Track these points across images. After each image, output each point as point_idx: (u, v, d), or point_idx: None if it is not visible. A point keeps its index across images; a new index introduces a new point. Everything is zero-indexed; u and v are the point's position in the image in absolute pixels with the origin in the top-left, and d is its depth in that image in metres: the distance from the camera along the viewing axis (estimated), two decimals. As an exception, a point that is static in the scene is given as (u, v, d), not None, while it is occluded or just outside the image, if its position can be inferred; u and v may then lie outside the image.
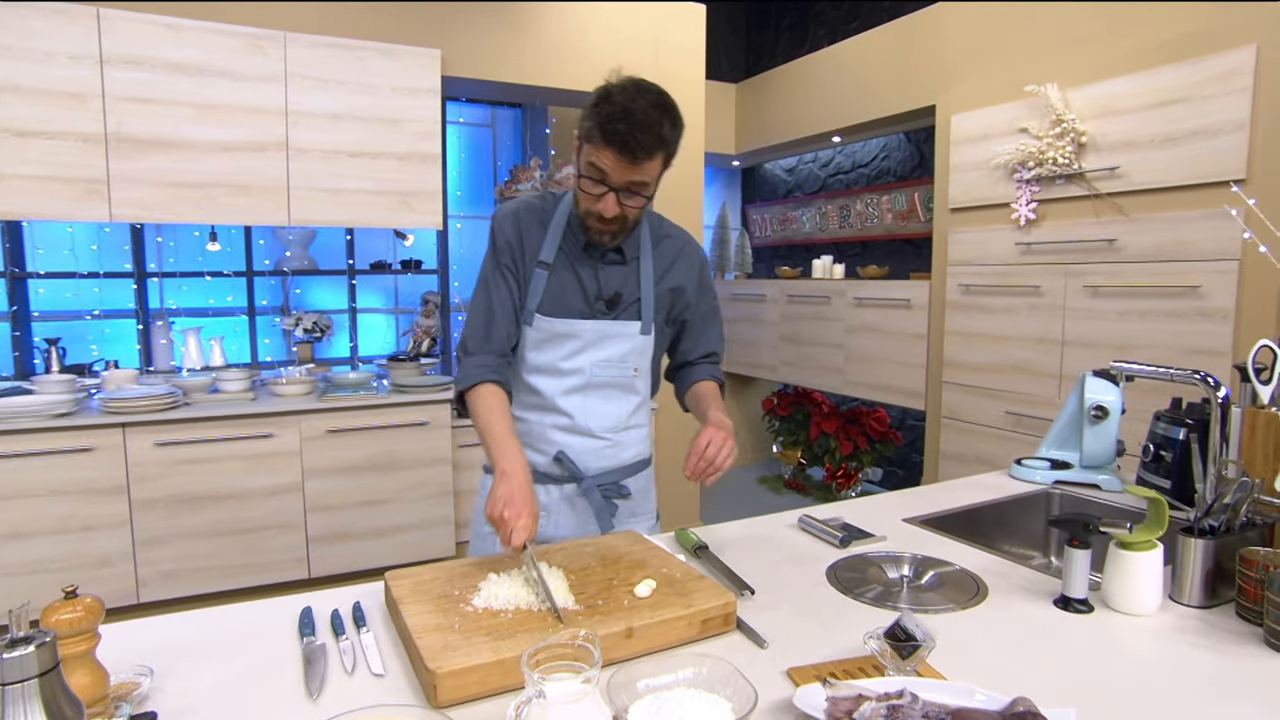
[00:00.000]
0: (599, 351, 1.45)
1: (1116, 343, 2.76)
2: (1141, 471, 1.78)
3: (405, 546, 3.28)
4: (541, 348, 1.46)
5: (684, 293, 1.52)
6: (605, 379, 1.47)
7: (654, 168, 1.29)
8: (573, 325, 1.44)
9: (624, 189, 1.29)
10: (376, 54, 3.17)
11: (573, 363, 1.45)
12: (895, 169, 4.67)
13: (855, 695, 0.89)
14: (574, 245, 1.44)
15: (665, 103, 1.27)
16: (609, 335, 1.45)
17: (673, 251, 1.51)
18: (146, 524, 2.84)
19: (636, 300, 1.47)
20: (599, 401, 1.48)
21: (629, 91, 1.25)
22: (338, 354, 4.12)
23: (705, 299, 1.58)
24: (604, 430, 1.49)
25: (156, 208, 2.90)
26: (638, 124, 1.22)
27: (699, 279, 1.55)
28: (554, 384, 1.47)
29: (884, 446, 4.65)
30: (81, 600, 0.84)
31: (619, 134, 1.22)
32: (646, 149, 1.24)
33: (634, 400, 1.53)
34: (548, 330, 1.44)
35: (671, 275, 1.50)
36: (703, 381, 1.57)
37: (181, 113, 2.89)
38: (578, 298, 1.44)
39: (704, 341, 1.60)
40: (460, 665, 0.91)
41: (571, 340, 1.44)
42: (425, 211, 3.33)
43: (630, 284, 1.46)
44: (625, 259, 1.45)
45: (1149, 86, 2.64)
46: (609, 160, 1.25)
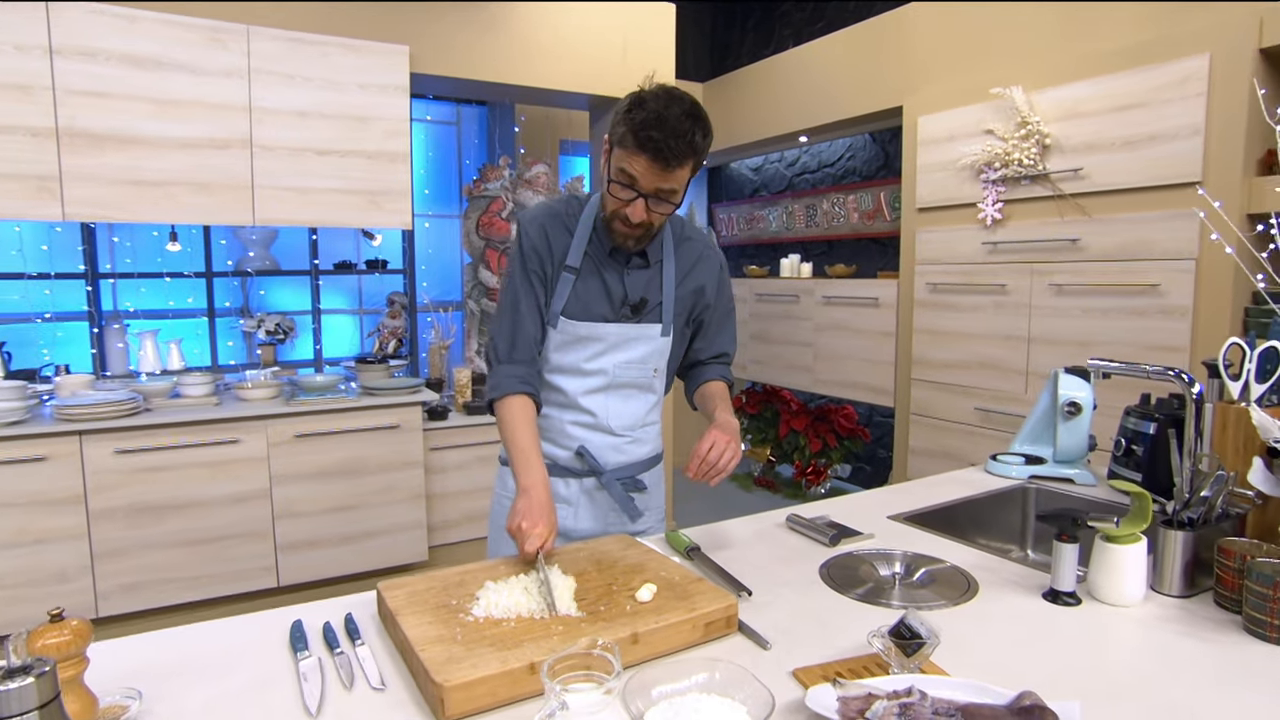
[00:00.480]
0: (622, 354, 1.48)
1: (1080, 339, 2.84)
2: (1113, 465, 1.83)
3: (377, 552, 3.22)
4: (565, 349, 1.48)
5: (704, 294, 1.55)
6: (626, 379, 1.51)
7: (684, 175, 1.30)
8: (596, 329, 1.46)
9: (653, 195, 1.30)
10: (343, 50, 3.10)
11: (596, 364, 1.48)
12: (861, 169, 4.73)
13: (865, 694, 0.90)
14: (599, 249, 1.46)
15: (697, 112, 1.28)
16: (631, 338, 1.48)
17: (694, 254, 1.53)
18: (105, 535, 2.73)
19: (659, 303, 1.49)
20: (620, 401, 1.52)
21: (662, 99, 1.26)
22: (301, 356, 4.03)
23: (722, 301, 1.61)
24: (623, 428, 1.53)
25: (113, 206, 2.79)
26: (671, 131, 1.23)
27: (718, 280, 1.58)
28: (577, 384, 1.49)
29: (852, 443, 4.72)
30: (69, 623, 0.81)
31: (653, 141, 1.23)
32: (679, 156, 1.25)
33: (651, 399, 1.56)
34: (572, 333, 1.46)
35: (692, 278, 1.52)
36: (712, 382, 1.60)
37: (138, 108, 2.78)
38: (603, 302, 1.46)
39: (717, 342, 1.63)
40: (467, 678, 0.89)
41: (595, 343, 1.47)
42: (394, 211, 3.27)
43: (654, 288, 1.49)
44: (649, 263, 1.48)
45: (1110, 91, 2.72)
46: (641, 166, 1.27)
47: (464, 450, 3.45)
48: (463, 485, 3.46)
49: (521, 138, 4.37)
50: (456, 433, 3.43)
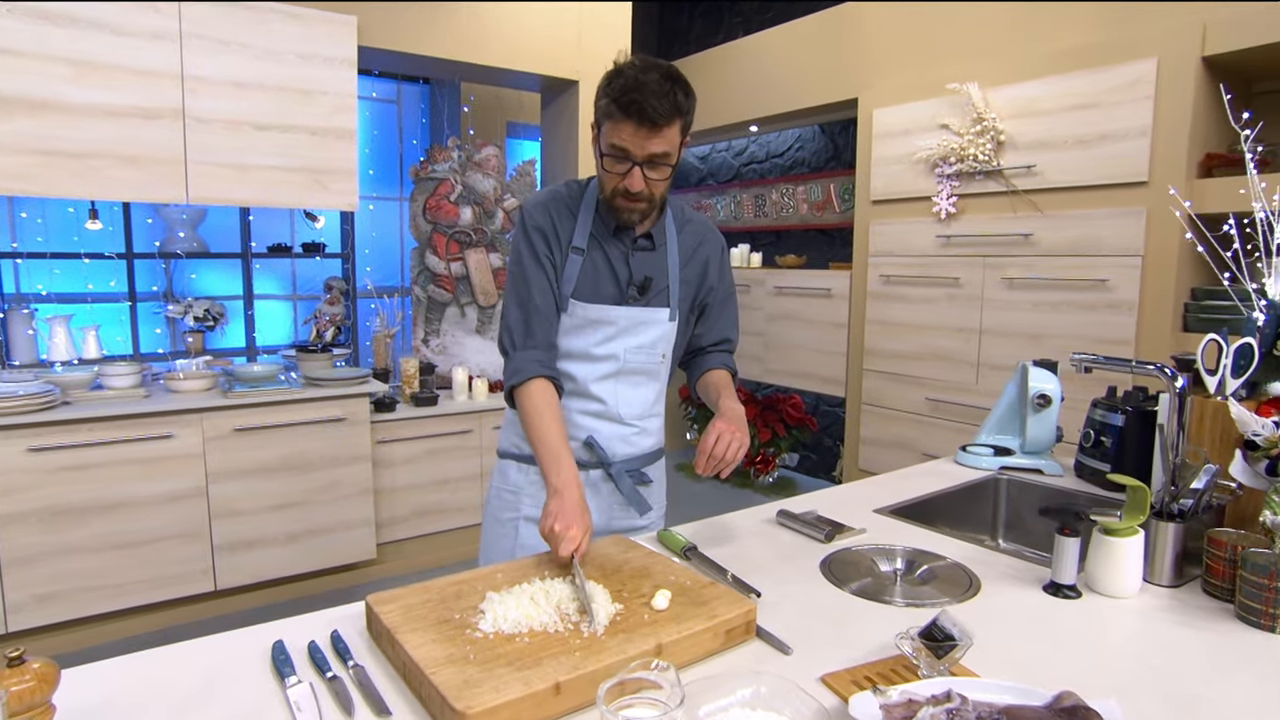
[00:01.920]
0: (632, 338, 1.46)
1: (1031, 332, 2.93)
2: (1080, 456, 1.88)
3: (322, 551, 3.06)
4: (575, 334, 1.45)
5: (707, 276, 1.54)
6: (636, 365, 1.48)
7: (673, 136, 1.29)
8: (606, 311, 1.44)
9: (646, 162, 1.29)
10: (284, 17, 2.89)
11: (606, 348, 1.46)
12: (810, 160, 4.77)
13: (906, 700, 0.87)
14: (604, 230, 1.44)
15: (675, 74, 1.29)
16: (641, 322, 1.46)
17: (696, 237, 1.53)
18: (16, 542, 2.49)
19: (665, 287, 1.48)
20: (629, 388, 1.50)
21: (638, 66, 1.27)
22: (232, 344, 3.79)
23: (724, 284, 1.60)
24: (632, 417, 1.50)
25: (24, 178, 2.52)
26: (651, 92, 1.24)
27: (720, 264, 1.57)
28: (587, 370, 1.47)
29: (800, 432, 4.77)
30: (29, 667, 0.70)
31: (635, 104, 1.24)
32: (664, 115, 1.25)
33: (658, 387, 1.55)
34: (582, 316, 1.44)
35: (696, 260, 1.52)
36: (715, 370, 1.58)
37: (54, 69, 2.52)
38: (610, 283, 1.44)
39: (719, 327, 1.61)
40: (490, 703, 0.82)
41: (606, 326, 1.45)
42: (340, 191, 3.09)
43: (659, 269, 1.47)
44: (654, 244, 1.46)
45: (1063, 90, 2.80)
46: (628, 133, 1.27)
47: (413, 443, 3.31)
48: (412, 480, 3.32)
49: (470, 119, 4.21)
50: (405, 425, 3.29)
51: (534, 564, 1.21)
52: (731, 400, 1.46)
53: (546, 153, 4.19)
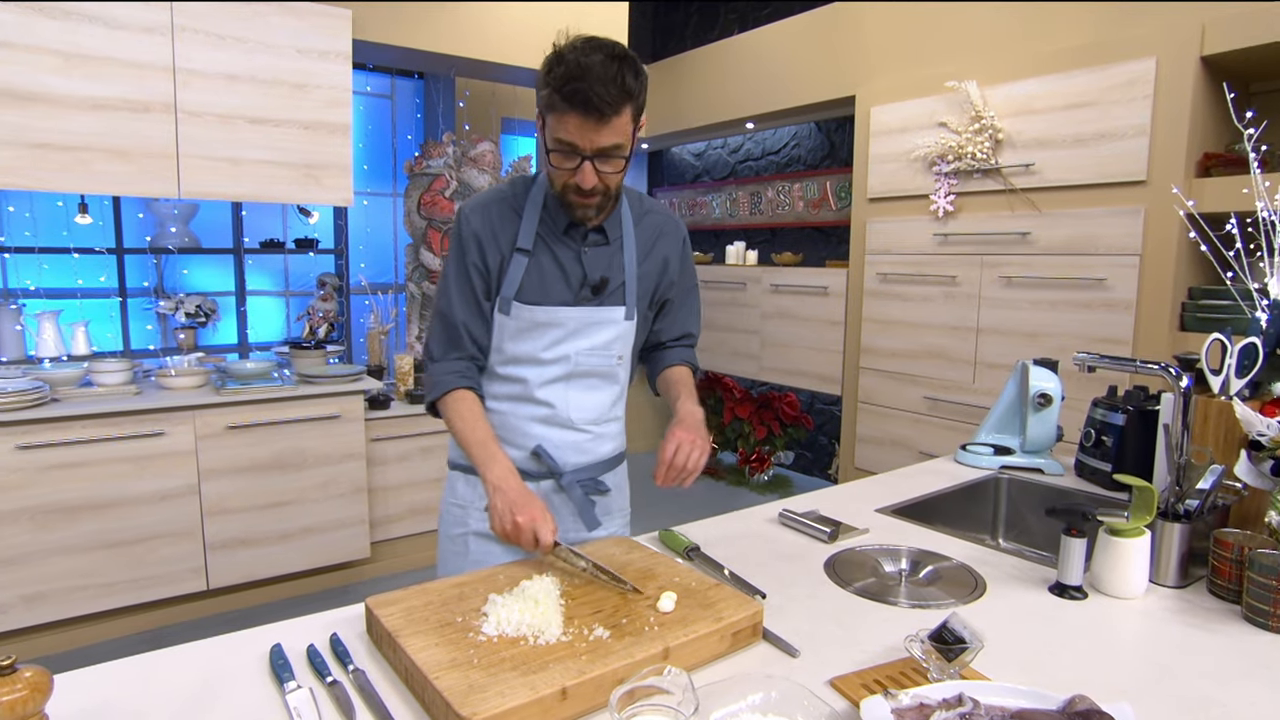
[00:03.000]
0: (583, 339, 1.37)
1: (1028, 331, 2.93)
2: (1081, 455, 1.88)
3: (315, 550, 3.04)
4: (520, 337, 1.36)
5: (667, 270, 1.46)
6: (589, 367, 1.39)
7: (624, 125, 1.18)
8: (555, 313, 1.34)
9: (597, 155, 1.19)
10: (279, 11, 2.86)
11: (555, 351, 1.37)
12: (806, 157, 4.75)
13: (918, 705, 0.86)
14: (553, 229, 1.34)
15: (621, 53, 1.17)
16: (593, 322, 1.37)
17: (655, 229, 1.44)
18: (4, 541, 2.46)
19: (621, 284, 1.39)
20: (581, 392, 1.40)
21: (580, 48, 1.15)
22: (224, 340, 3.75)
23: (686, 277, 1.52)
24: (585, 422, 1.41)
25: (10, 171, 2.48)
26: (596, 78, 1.12)
27: (681, 255, 1.49)
28: (535, 373, 1.38)
29: (795, 430, 4.77)
30: (22, 675, 0.67)
31: (580, 93, 1.13)
32: (612, 103, 1.14)
33: (615, 390, 1.45)
34: (528, 319, 1.34)
35: (656, 253, 1.43)
36: (675, 367, 1.51)
37: (43, 61, 2.48)
38: (560, 284, 1.35)
39: (680, 321, 1.54)
40: (496, 709, 0.80)
41: (554, 329, 1.35)
42: (334, 187, 3.06)
43: (615, 266, 1.38)
44: (609, 240, 1.37)
45: (1061, 89, 2.79)
46: (574, 125, 1.16)
47: (407, 441, 3.29)
48: (406, 478, 3.30)
49: (465, 114, 4.18)
50: (399, 423, 3.26)
51: (535, 564, 1.19)
52: (690, 403, 1.38)
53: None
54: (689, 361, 1.54)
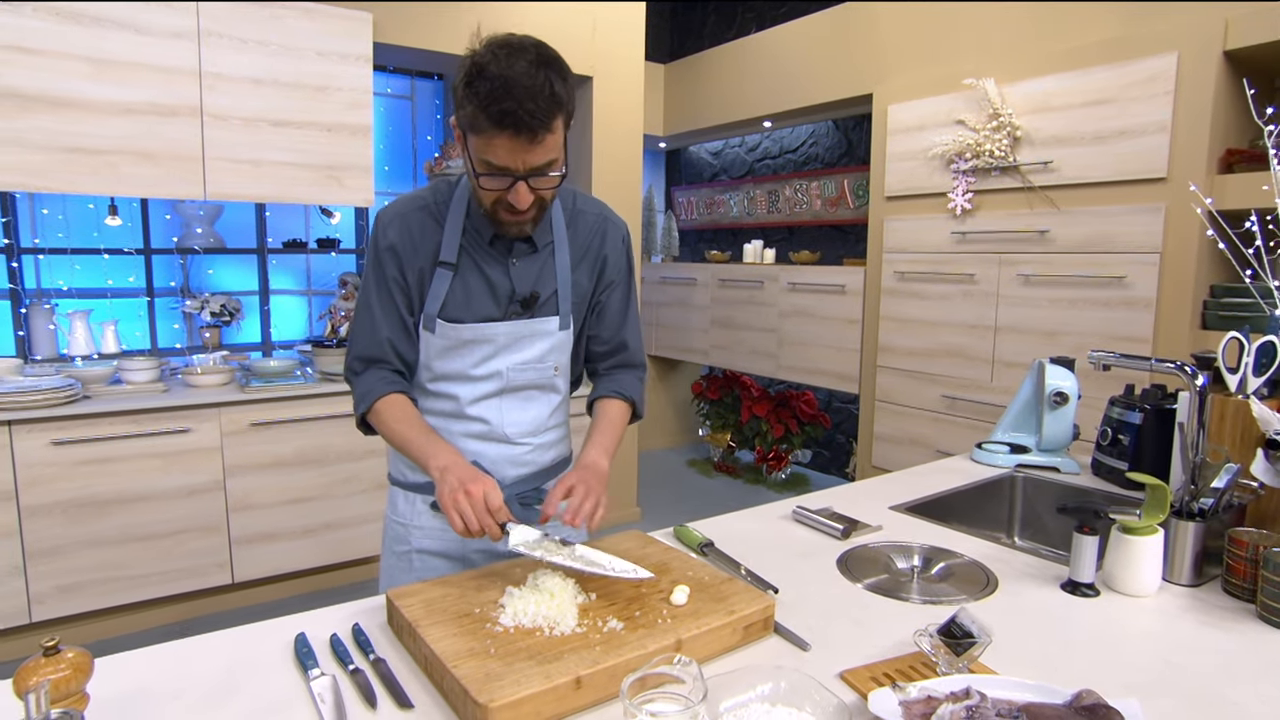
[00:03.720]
0: (515, 354, 1.31)
1: (1047, 329, 2.91)
2: (1097, 454, 1.87)
3: (338, 545, 3.09)
4: (448, 355, 1.29)
5: (605, 268, 1.37)
6: (524, 381, 1.33)
7: (556, 139, 1.10)
8: (483, 330, 1.27)
9: (531, 174, 1.10)
10: (301, 14, 2.91)
11: (486, 368, 1.30)
12: (823, 155, 4.75)
13: (925, 697, 0.88)
14: (477, 240, 1.26)
15: (547, 56, 1.08)
16: (525, 336, 1.30)
17: (589, 230, 1.35)
18: (40, 533, 2.53)
19: (553, 294, 1.31)
20: (517, 405, 1.34)
21: (501, 58, 1.04)
22: (248, 339, 3.82)
23: (623, 279, 1.40)
24: (522, 436, 1.35)
25: (43, 174, 2.55)
26: (525, 94, 1.02)
27: (621, 256, 1.38)
28: (466, 390, 1.31)
29: (813, 429, 4.76)
30: (64, 656, 0.71)
31: (508, 114, 1.03)
32: (544, 120, 1.05)
33: (555, 399, 1.39)
34: (454, 337, 1.27)
35: (590, 256, 1.35)
36: (605, 400, 1.39)
37: (73, 67, 2.54)
38: (487, 300, 1.27)
39: (613, 325, 1.41)
40: (512, 697, 0.83)
41: (483, 345, 1.28)
42: (355, 188, 3.11)
43: (546, 276, 1.30)
44: (537, 248, 1.28)
45: (1080, 86, 2.77)
46: (505, 148, 1.06)
47: (427, 438, 3.32)
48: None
49: (483, 114, 4.21)
50: (419, 420, 3.30)
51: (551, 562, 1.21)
52: (597, 450, 1.27)
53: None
54: (624, 394, 1.39)
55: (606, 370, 1.44)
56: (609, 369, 1.44)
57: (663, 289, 5.31)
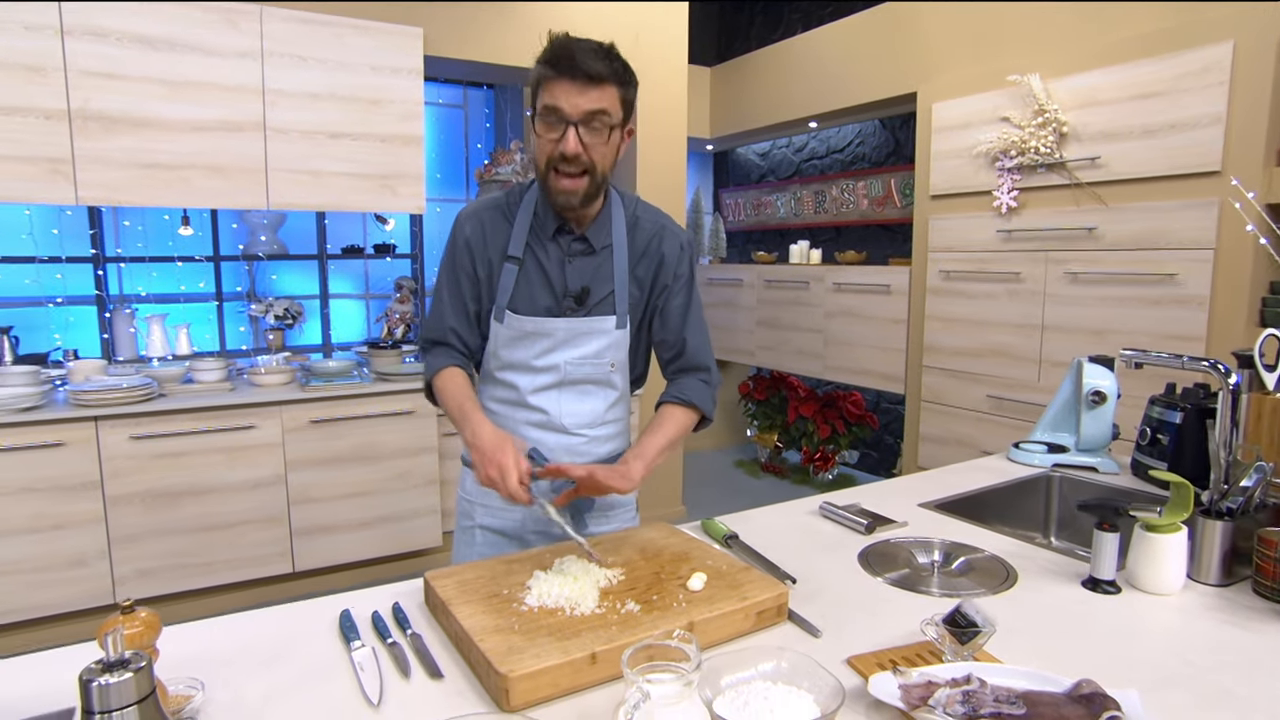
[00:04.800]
0: (573, 350, 1.40)
1: (1095, 328, 2.85)
2: (1137, 454, 1.85)
3: (392, 538, 3.23)
4: (513, 345, 1.41)
5: (659, 277, 1.44)
6: (581, 375, 1.42)
7: (608, 97, 1.23)
8: (543, 324, 1.38)
9: (581, 121, 1.23)
10: (356, 31, 3.06)
11: (546, 360, 1.40)
12: (870, 155, 4.71)
13: (925, 682, 0.91)
14: (542, 236, 1.38)
15: (612, 48, 1.26)
16: (582, 333, 1.39)
17: (646, 235, 1.43)
18: (122, 521, 2.73)
19: (610, 293, 1.40)
20: (574, 398, 1.43)
21: (567, 36, 1.25)
22: (309, 341, 4.01)
23: (680, 285, 1.46)
24: (578, 427, 1.44)
25: (125, 189, 2.76)
26: (583, 51, 1.21)
27: (677, 262, 1.45)
28: (527, 380, 1.42)
29: (860, 429, 4.73)
30: (139, 615, 0.81)
31: (566, 61, 1.21)
32: (598, 71, 1.21)
33: (612, 395, 1.47)
34: (519, 328, 1.39)
35: (647, 259, 1.43)
36: (672, 405, 1.43)
37: (151, 89, 2.74)
38: (546, 294, 1.38)
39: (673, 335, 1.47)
40: (532, 668, 0.89)
41: (544, 339, 1.39)
42: (408, 195, 3.25)
43: (601, 276, 1.39)
44: (594, 249, 1.38)
45: (1128, 79, 2.71)
46: (561, 91, 1.22)
47: (476, 436, 3.44)
48: (475, 471, 3.45)
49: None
50: (469, 419, 3.42)
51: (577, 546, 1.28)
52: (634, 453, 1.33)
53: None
54: (690, 400, 1.43)
55: (673, 374, 1.51)
56: (675, 373, 1.50)
57: (709, 290, 5.34)
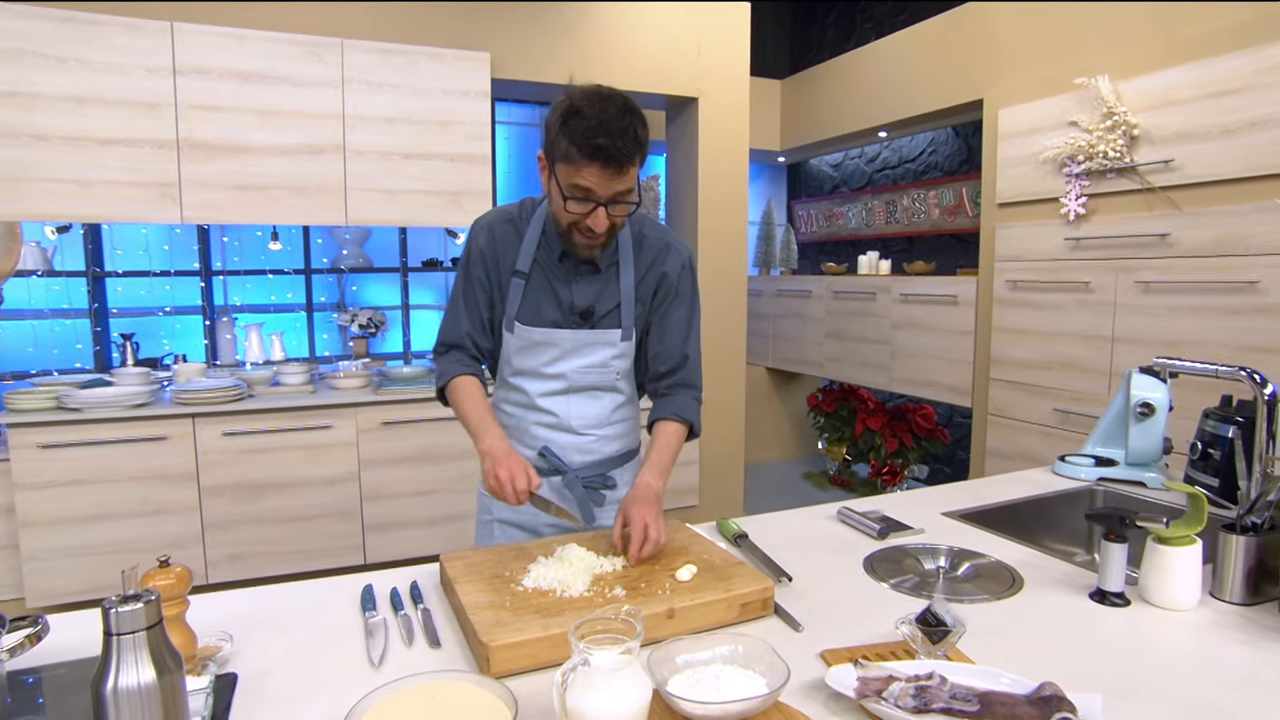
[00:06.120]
0: (580, 359, 1.47)
1: (1169, 339, 2.70)
2: (1189, 469, 1.76)
3: (455, 535, 3.39)
4: (523, 353, 1.48)
5: (665, 282, 1.49)
6: (588, 382, 1.49)
7: (634, 174, 1.29)
8: (550, 335, 1.45)
9: (611, 201, 1.29)
10: (428, 58, 3.28)
11: (554, 368, 1.47)
12: (943, 163, 4.61)
13: (885, 676, 0.93)
14: (549, 255, 1.45)
15: (631, 105, 1.27)
16: (589, 343, 1.46)
17: (651, 253, 1.49)
18: (214, 509, 3.00)
19: (615, 307, 1.46)
20: (582, 402, 1.50)
21: (595, 102, 1.24)
22: (391, 349, 4.27)
23: (680, 300, 1.51)
24: (587, 427, 1.51)
25: (223, 209, 3.05)
26: (616, 134, 1.22)
27: (678, 278, 1.50)
28: (537, 386, 1.49)
29: (930, 444, 4.61)
30: (173, 569, 0.93)
31: (601, 149, 1.22)
32: (628, 156, 1.24)
33: (618, 399, 1.53)
34: (527, 338, 1.46)
35: (651, 276, 1.49)
36: (664, 421, 1.48)
37: (245, 119, 3.03)
38: (553, 309, 1.45)
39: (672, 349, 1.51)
40: (511, 640, 0.97)
41: (551, 348, 1.46)
42: (475, 211, 3.43)
43: (607, 293, 1.46)
44: (600, 268, 1.45)
45: (1205, 76, 2.57)
46: (594, 176, 1.25)
47: (538, 441, 3.57)
48: (536, 474, 3.58)
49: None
50: (531, 424, 3.56)
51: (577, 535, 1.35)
52: (651, 473, 1.36)
53: (671, 167, 4.37)
54: (680, 415, 1.48)
55: (666, 390, 1.53)
56: (668, 388, 1.53)
57: (779, 301, 5.33)
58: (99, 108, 2.85)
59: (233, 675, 0.98)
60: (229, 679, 0.97)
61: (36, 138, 2.79)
